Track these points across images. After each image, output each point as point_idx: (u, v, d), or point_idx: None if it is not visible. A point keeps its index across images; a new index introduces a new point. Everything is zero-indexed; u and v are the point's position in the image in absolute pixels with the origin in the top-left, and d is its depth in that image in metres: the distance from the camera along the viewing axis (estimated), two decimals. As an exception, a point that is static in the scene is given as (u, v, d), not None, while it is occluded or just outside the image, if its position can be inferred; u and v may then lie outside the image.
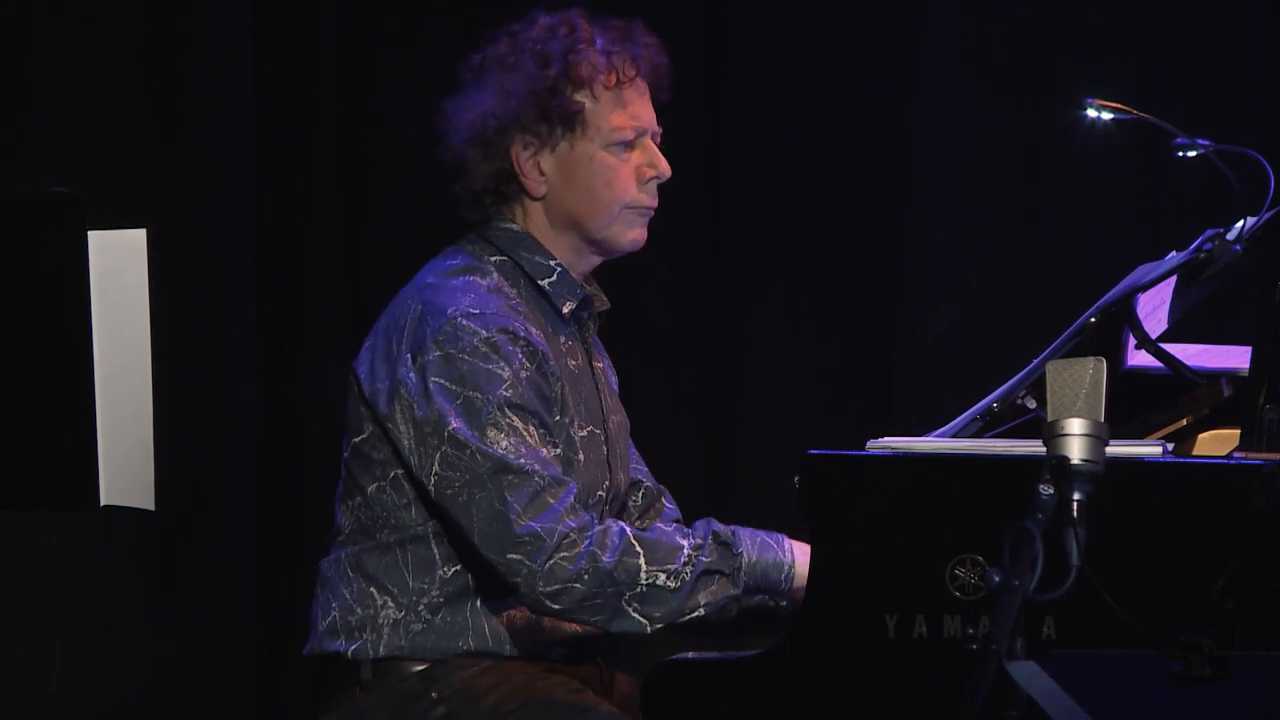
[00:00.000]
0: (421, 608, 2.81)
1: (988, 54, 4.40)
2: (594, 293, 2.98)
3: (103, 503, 2.13)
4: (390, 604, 2.81)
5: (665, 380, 4.44)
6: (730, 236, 4.45)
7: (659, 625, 2.76)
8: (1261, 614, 2.55)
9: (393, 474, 2.81)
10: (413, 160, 4.32)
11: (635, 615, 2.74)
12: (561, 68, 2.84)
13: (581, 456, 2.87)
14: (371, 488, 2.83)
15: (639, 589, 2.73)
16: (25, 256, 2.11)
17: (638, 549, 2.74)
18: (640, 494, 3.12)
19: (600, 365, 3.04)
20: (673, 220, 4.40)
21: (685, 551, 2.76)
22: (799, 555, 2.84)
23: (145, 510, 2.21)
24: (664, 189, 2.99)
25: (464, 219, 2.94)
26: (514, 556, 2.70)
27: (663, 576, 2.74)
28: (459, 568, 2.81)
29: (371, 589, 2.82)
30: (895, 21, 4.42)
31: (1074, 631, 2.62)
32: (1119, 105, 3.29)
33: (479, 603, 2.82)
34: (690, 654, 2.83)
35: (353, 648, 2.81)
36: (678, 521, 3.12)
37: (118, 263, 2.15)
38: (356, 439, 2.84)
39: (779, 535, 2.87)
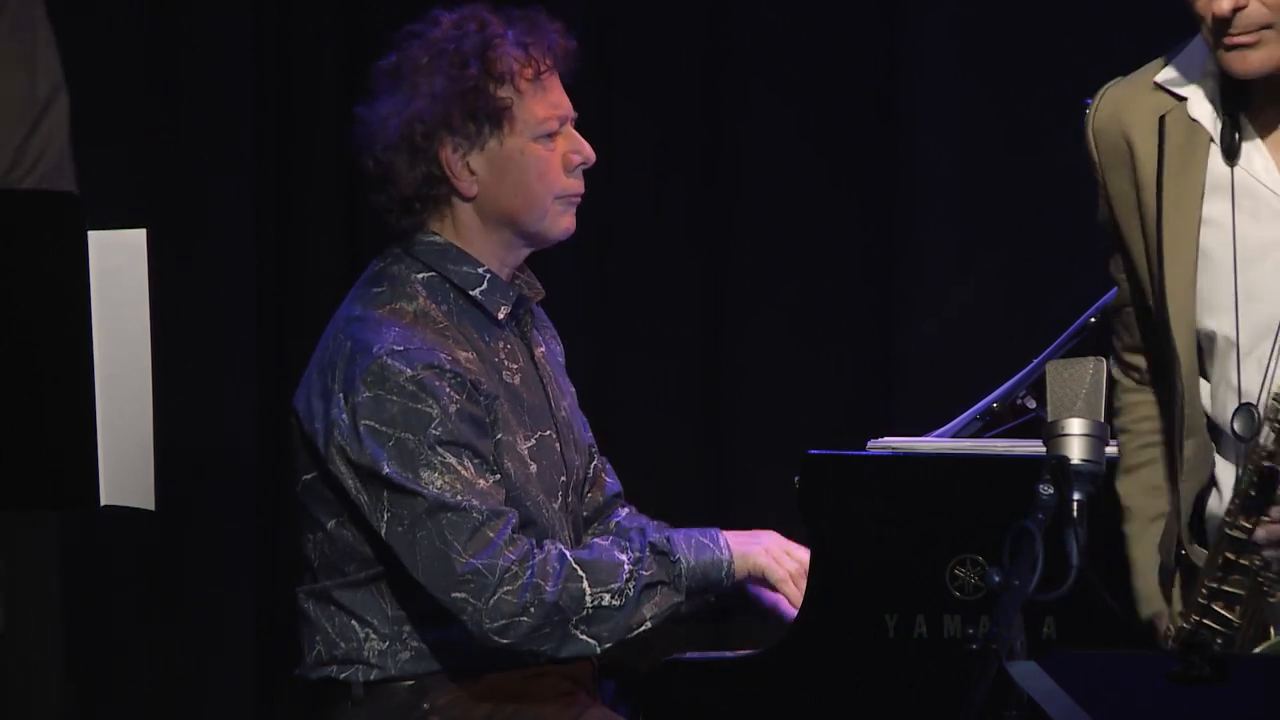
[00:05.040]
0: (406, 634, 2.79)
1: (988, 54, 4.40)
2: (525, 282, 2.95)
3: (103, 503, 2.13)
4: (373, 635, 2.79)
5: (665, 380, 4.44)
6: (730, 236, 4.44)
7: (608, 644, 2.76)
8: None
9: (346, 513, 2.80)
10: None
11: (584, 638, 2.73)
12: (481, 66, 2.80)
13: (534, 467, 2.85)
14: (331, 523, 2.82)
15: (585, 612, 2.72)
16: (25, 256, 2.10)
17: (580, 573, 2.74)
18: (590, 468, 3.07)
19: (541, 350, 3.00)
20: (673, 221, 4.42)
21: (625, 567, 2.76)
22: (736, 547, 2.84)
23: (145, 510, 2.20)
24: (665, 190, 3.00)
25: (391, 227, 2.90)
26: (458, 595, 2.69)
27: (607, 597, 2.74)
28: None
29: (352, 622, 2.80)
30: (895, 21, 4.42)
31: (1074, 631, 2.62)
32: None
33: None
34: (690, 654, 2.83)
35: (344, 674, 2.81)
36: (618, 495, 3.10)
37: (118, 263, 2.15)
38: (306, 477, 2.83)
39: (714, 531, 2.87)
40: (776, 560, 2.84)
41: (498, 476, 2.77)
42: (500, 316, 2.87)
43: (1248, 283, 2.31)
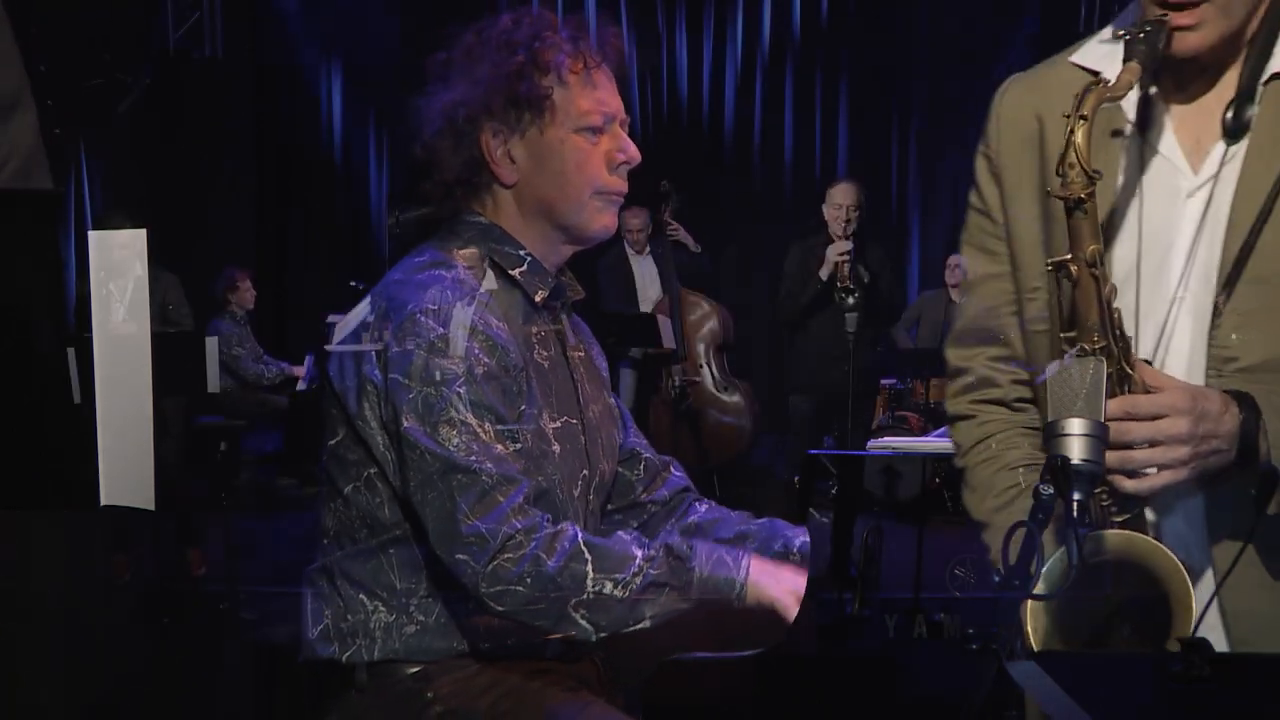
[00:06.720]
0: (413, 608, 2.79)
1: (986, 53, 4.41)
2: (567, 282, 2.96)
3: (103, 503, 2.13)
4: (381, 607, 2.79)
5: (663, 380, 4.45)
6: (726, 239, 4.46)
7: (604, 633, 2.71)
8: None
9: (366, 474, 2.79)
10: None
11: (582, 622, 2.69)
12: (528, 54, 2.81)
13: (556, 447, 2.83)
14: (348, 489, 2.81)
15: (586, 595, 2.68)
16: (24, 256, 2.11)
17: (586, 555, 2.70)
18: (641, 466, 3.09)
19: (581, 354, 3.01)
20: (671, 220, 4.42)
21: (636, 562, 2.72)
22: (754, 575, 2.80)
23: (145, 510, 2.20)
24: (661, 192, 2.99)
25: (433, 215, 2.91)
26: (460, 557, 2.66)
27: (609, 585, 2.69)
28: (443, 565, 2.77)
29: (360, 595, 2.80)
30: (892, 22, 4.44)
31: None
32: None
33: (470, 599, 2.79)
34: (690, 654, 2.83)
35: (347, 653, 2.80)
36: (687, 490, 3.10)
37: (118, 263, 2.15)
38: (331, 441, 2.82)
39: (740, 552, 2.83)
40: (797, 603, 2.79)
41: (518, 446, 2.74)
42: (537, 299, 2.88)
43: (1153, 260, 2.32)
